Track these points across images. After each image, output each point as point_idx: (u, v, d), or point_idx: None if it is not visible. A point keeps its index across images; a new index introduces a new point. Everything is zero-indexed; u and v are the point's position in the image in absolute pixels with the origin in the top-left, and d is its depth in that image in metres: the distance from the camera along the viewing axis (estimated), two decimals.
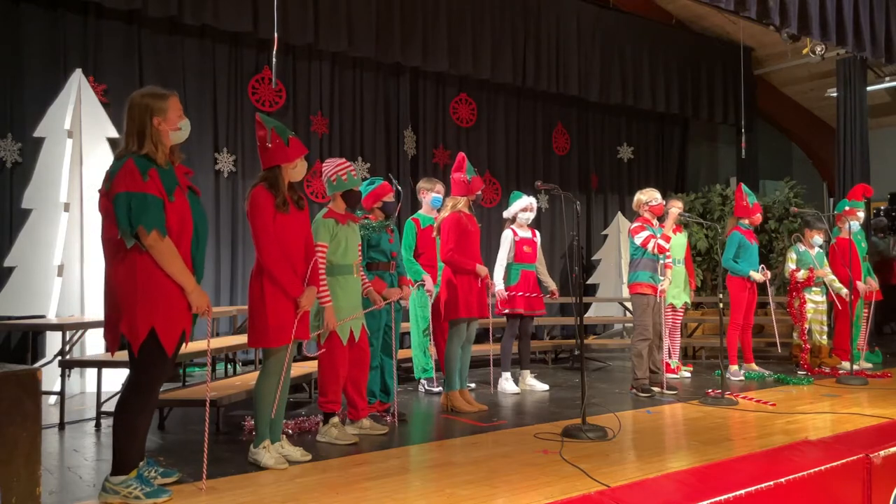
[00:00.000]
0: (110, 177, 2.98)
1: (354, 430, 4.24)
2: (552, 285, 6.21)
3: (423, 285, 5.57)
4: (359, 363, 4.26)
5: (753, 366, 6.68)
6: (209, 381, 3.41)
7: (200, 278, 3.14)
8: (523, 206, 6.01)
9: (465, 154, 5.43)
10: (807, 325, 6.79)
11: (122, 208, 2.90)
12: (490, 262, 5.77)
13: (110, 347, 3.07)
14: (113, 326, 3.01)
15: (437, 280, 5.57)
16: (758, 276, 6.36)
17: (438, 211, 5.68)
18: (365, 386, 4.36)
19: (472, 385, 5.85)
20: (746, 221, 6.54)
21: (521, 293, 5.84)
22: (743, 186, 6.66)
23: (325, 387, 4.10)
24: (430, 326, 5.62)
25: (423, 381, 5.91)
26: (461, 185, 5.19)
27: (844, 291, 6.69)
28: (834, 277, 6.82)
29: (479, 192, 5.30)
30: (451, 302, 5.11)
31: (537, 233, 6.21)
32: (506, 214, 6.17)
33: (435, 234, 5.35)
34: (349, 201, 4.23)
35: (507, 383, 5.85)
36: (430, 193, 5.90)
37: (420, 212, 5.93)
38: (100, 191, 3.06)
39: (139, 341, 2.93)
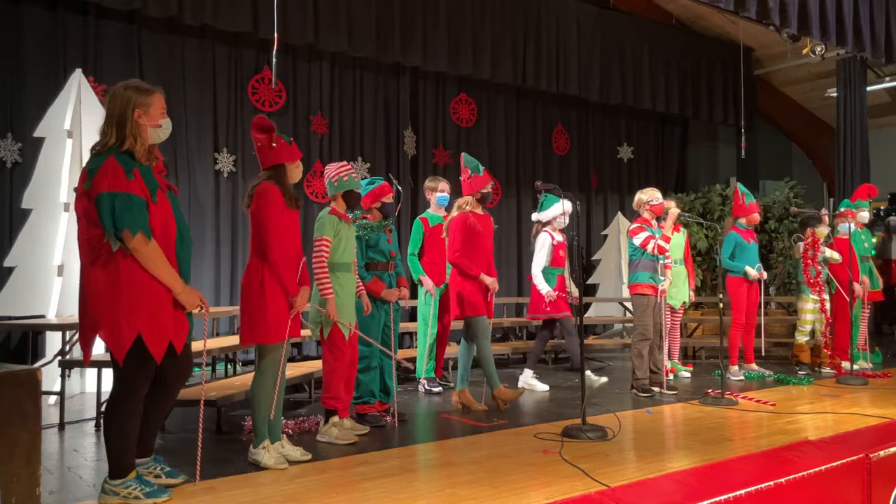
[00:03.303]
0: (90, 175, 2.81)
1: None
2: (574, 290, 6.15)
3: (422, 285, 5.55)
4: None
5: (753, 366, 6.68)
6: (204, 381, 3.40)
7: (188, 280, 3.03)
8: (564, 211, 6.02)
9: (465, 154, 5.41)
10: (820, 320, 6.72)
11: (105, 209, 2.76)
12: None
13: (83, 356, 2.92)
14: (90, 333, 2.85)
15: (445, 279, 5.56)
16: (753, 272, 6.36)
17: (446, 210, 5.67)
18: (353, 381, 4.37)
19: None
20: (744, 221, 6.55)
21: (560, 295, 5.94)
22: (739, 186, 6.67)
23: (329, 383, 4.14)
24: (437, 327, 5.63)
25: (423, 380, 5.91)
26: (465, 185, 5.15)
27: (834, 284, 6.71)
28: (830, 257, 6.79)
29: (487, 190, 5.10)
30: (471, 299, 5.00)
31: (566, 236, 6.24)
32: (538, 217, 6.14)
33: (444, 234, 5.31)
34: (349, 202, 4.34)
35: (535, 381, 5.96)
36: (434, 193, 5.92)
37: (428, 210, 5.95)
38: (76, 189, 2.90)
39: (125, 349, 2.80)
